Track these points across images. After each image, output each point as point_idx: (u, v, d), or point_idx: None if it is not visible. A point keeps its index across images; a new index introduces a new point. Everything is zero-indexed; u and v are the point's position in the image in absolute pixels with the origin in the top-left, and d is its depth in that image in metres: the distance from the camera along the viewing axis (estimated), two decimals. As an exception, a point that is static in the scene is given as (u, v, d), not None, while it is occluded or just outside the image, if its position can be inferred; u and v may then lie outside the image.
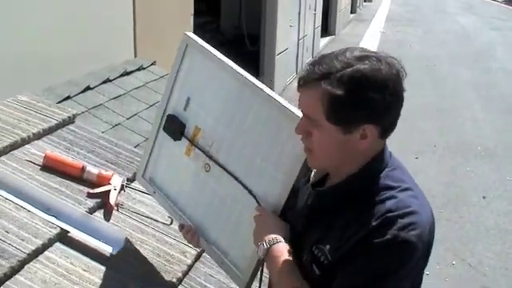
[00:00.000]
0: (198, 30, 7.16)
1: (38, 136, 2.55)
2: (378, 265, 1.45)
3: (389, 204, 1.47)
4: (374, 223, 1.45)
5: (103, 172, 2.39)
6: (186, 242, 2.31)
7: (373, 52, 1.53)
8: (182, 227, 2.01)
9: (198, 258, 2.31)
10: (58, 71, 3.66)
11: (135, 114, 3.59)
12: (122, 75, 3.99)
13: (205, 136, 1.94)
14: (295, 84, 1.60)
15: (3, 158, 2.34)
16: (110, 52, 4.36)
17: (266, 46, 9.83)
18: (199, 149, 1.94)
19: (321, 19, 14.20)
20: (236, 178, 1.84)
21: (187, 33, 2.08)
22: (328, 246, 1.53)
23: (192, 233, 1.98)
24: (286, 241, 1.65)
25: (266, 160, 1.78)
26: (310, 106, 1.52)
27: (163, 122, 2.09)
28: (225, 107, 1.91)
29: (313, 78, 1.50)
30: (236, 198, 1.86)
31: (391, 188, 1.52)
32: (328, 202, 1.63)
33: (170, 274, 2.12)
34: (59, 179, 2.33)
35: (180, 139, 2.01)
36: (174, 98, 2.06)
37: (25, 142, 2.47)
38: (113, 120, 3.40)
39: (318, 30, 13.97)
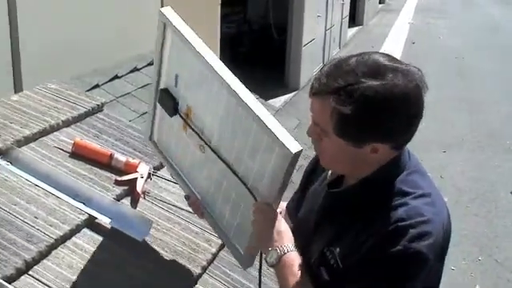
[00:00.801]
0: (224, 20, 7.17)
1: (67, 123, 2.58)
2: (388, 275, 1.42)
3: (401, 211, 1.43)
4: (385, 232, 1.42)
5: (131, 160, 2.42)
6: (211, 231, 2.33)
7: (394, 62, 1.45)
8: (187, 198, 1.99)
9: (222, 246, 2.32)
10: (87, 60, 3.70)
11: (163, 103, 3.61)
12: (149, 64, 4.02)
13: (196, 118, 1.86)
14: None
15: (33, 144, 2.38)
16: (138, 41, 4.38)
17: (293, 36, 9.77)
18: (192, 129, 1.85)
19: (349, 9, 14.08)
20: (229, 166, 1.76)
21: (162, 10, 1.94)
22: (338, 250, 1.50)
23: (197, 204, 1.95)
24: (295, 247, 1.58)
25: (251, 157, 1.68)
26: (320, 116, 1.48)
27: (158, 95, 1.99)
28: (207, 97, 1.81)
29: (324, 90, 1.44)
30: (230, 184, 1.79)
31: (406, 194, 1.47)
32: (341, 204, 1.60)
33: (195, 262, 2.14)
34: (88, 166, 2.36)
35: (175, 115, 1.91)
36: (164, 72, 1.97)
37: (54, 129, 2.51)
38: (140, 109, 3.43)
39: (346, 21, 13.86)
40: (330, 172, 1.69)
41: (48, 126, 2.47)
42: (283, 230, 1.61)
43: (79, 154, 2.39)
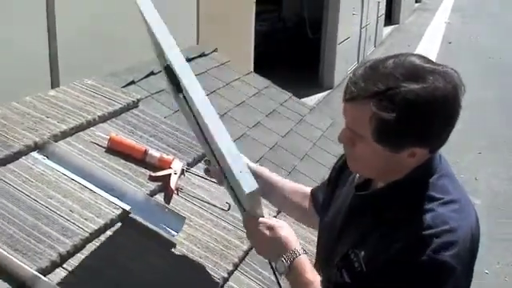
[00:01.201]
0: (259, 17, 7.17)
1: (103, 119, 2.62)
2: (412, 285, 1.39)
3: (427, 219, 1.40)
4: (410, 240, 1.39)
5: (165, 156, 2.44)
6: (243, 228, 2.34)
7: (431, 64, 1.42)
8: (208, 162, 2.02)
9: (254, 244, 2.33)
10: (123, 57, 3.74)
11: (196, 100, 3.64)
12: (184, 61, 4.04)
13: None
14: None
15: (69, 139, 2.42)
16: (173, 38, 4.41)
17: (328, 34, 9.76)
18: (193, 114, 1.79)
19: (385, 7, 13.98)
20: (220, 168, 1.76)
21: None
22: (363, 253, 1.47)
23: (216, 172, 1.95)
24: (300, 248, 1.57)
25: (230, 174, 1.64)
26: (357, 122, 1.44)
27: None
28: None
29: (362, 95, 1.40)
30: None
31: (434, 199, 1.44)
32: (367, 206, 1.56)
33: (227, 259, 2.15)
34: (123, 161, 2.39)
35: (180, 92, 1.81)
36: (165, 50, 1.87)
37: (90, 124, 2.54)
38: (174, 105, 3.45)
39: (382, 19, 13.78)
40: (357, 175, 1.67)
41: (84, 121, 2.51)
42: (283, 235, 1.59)
43: (114, 149, 2.42)
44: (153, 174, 2.36)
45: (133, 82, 3.45)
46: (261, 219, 1.62)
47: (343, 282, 1.49)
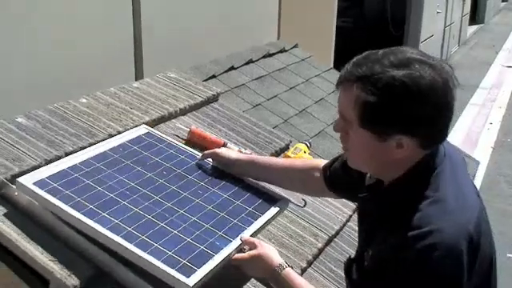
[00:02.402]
0: (341, 14, 7.12)
1: (184, 112, 2.67)
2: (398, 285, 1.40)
3: (414, 219, 1.38)
4: (397, 241, 1.39)
5: (243, 150, 2.46)
6: (318, 226, 2.35)
7: (423, 56, 1.42)
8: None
9: (328, 242, 2.33)
10: (205, 51, 3.80)
11: (275, 96, 3.65)
12: (264, 57, 4.06)
13: None
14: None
15: (151, 130, 2.48)
16: (254, 34, 4.45)
17: (411, 32, 9.60)
18: None
19: (469, 6, 13.60)
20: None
21: None
22: (371, 252, 1.49)
23: None
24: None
25: None
26: (345, 107, 1.47)
27: None
28: None
29: (348, 79, 1.44)
30: None
31: (425, 198, 1.42)
32: (370, 207, 1.59)
33: (301, 255, 2.16)
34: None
35: None
36: None
37: (172, 116, 2.60)
38: (254, 100, 3.48)
39: (466, 18, 13.42)
40: (368, 175, 1.67)
41: (166, 114, 2.57)
42: (261, 255, 1.76)
43: (194, 141, 2.47)
44: (231, 168, 2.38)
45: (214, 76, 3.50)
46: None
47: (354, 279, 1.55)
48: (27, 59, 2.83)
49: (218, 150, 2.18)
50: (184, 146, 2.30)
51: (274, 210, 2.03)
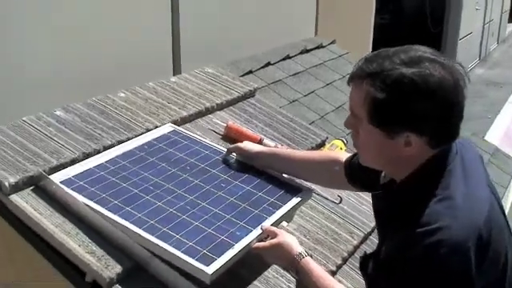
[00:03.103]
0: (380, 11, 7.07)
1: (221, 107, 2.68)
2: (402, 282, 1.39)
3: (423, 217, 1.38)
4: (404, 237, 1.39)
5: (279, 146, 2.46)
6: (353, 223, 2.33)
7: (434, 55, 1.42)
8: None
9: (364, 240, 2.31)
10: (242, 47, 3.81)
11: (312, 92, 3.64)
12: (301, 53, 4.05)
13: None
14: (477, 70, 1.53)
15: (188, 125, 2.49)
16: (291, 30, 4.44)
17: (450, 28, 9.49)
18: None
19: (510, 4, 13.37)
20: None
21: None
22: (383, 248, 1.49)
23: None
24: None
25: None
26: (355, 104, 1.48)
27: None
28: None
29: (359, 75, 1.45)
30: None
31: (434, 196, 1.41)
32: (383, 205, 1.62)
33: (336, 252, 2.14)
34: (238, 149, 2.43)
35: None
36: None
37: (208, 111, 2.61)
38: (290, 96, 3.48)
39: (506, 15, 13.20)
40: (383, 174, 1.66)
41: (204, 109, 2.58)
42: (282, 243, 1.74)
43: (231, 136, 2.47)
44: (267, 163, 2.38)
45: (250, 72, 3.50)
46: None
47: (369, 274, 1.56)
48: (70, 54, 2.88)
49: (240, 145, 2.19)
50: (209, 141, 2.31)
51: (295, 200, 2.04)
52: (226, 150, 2.22)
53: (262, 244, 1.79)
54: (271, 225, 1.88)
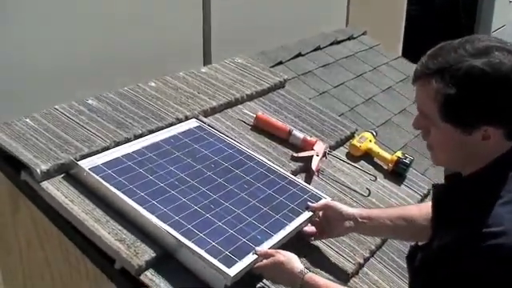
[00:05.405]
0: (412, 2, 6.98)
1: (251, 97, 2.68)
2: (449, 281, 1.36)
3: (487, 217, 1.34)
4: (467, 235, 1.35)
5: (308, 137, 2.46)
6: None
7: (501, 42, 1.36)
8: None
9: (392, 232, 2.29)
10: (273, 37, 3.80)
11: (342, 83, 3.61)
12: (332, 44, 4.02)
13: None
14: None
15: (218, 115, 2.50)
16: (322, 21, 4.41)
17: (482, 20, 9.34)
18: None
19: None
20: None
21: None
22: (438, 241, 1.45)
23: None
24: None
25: None
26: (424, 103, 1.43)
27: None
28: None
29: (425, 73, 1.39)
30: None
31: (499, 197, 1.37)
32: (444, 197, 1.55)
33: (364, 245, 2.14)
34: (267, 140, 2.44)
35: None
36: None
37: (238, 102, 2.61)
38: (320, 87, 3.46)
39: (542, 7, 12.93)
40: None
41: (233, 99, 2.58)
42: (283, 261, 1.73)
43: (260, 127, 2.48)
44: (295, 155, 2.38)
45: (281, 63, 3.49)
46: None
47: (415, 266, 1.52)
48: (103, 44, 2.90)
49: (330, 203, 2.03)
50: (233, 140, 2.32)
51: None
52: (248, 150, 2.24)
53: (263, 263, 1.78)
54: (290, 231, 1.91)
